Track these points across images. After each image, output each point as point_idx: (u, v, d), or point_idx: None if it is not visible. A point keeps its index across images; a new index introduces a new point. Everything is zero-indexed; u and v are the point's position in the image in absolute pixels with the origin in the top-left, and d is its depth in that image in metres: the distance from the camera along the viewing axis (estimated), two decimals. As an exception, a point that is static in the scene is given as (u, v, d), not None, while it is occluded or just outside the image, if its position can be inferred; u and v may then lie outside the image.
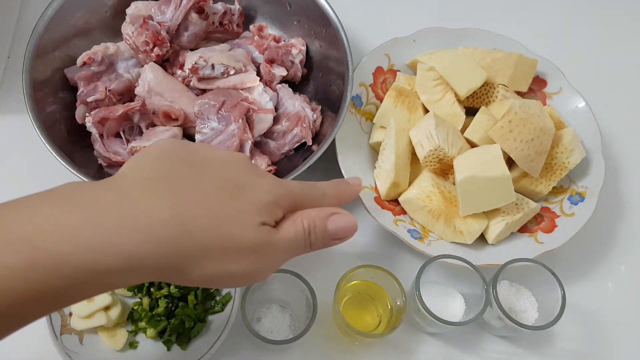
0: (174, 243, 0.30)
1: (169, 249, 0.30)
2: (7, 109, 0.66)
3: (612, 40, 0.81)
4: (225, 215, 0.32)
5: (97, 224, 0.29)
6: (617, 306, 0.62)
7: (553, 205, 0.63)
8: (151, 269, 0.30)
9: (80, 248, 0.28)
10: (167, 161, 0.34)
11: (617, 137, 0.72)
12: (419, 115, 0.63)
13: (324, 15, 0.62)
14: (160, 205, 0.31)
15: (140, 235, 0.29)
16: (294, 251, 0.36)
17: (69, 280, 0.28)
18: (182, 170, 0.33)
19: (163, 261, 0.30)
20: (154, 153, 0.35)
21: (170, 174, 0.33)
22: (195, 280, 0.32)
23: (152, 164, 0.34)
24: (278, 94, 0.63)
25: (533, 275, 0.55)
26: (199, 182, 0.33)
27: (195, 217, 0.31)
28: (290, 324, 0.53)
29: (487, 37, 0.69)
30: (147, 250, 0.29)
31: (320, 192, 0.40)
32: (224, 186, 0.33)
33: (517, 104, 0.58)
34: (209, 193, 0.33)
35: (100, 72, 0.61)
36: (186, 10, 0.61)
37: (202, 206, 0.32)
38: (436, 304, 0.53)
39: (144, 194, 0.31)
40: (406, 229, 0.58)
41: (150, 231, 0.30)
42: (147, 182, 0.32)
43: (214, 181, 0.33)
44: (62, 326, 0.52)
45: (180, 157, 0.34)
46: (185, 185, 0.32)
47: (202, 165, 0.34)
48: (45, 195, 0.30)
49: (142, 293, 0.55)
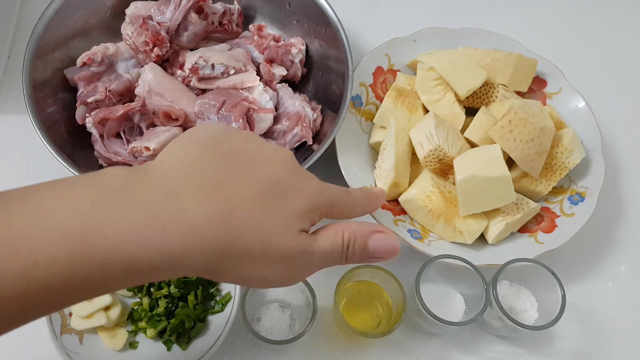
0: (216, 244, 0.30)
1: (210, 249, 0.30)
2: (7, 109, 0.66)
3: (612, 40, 0.81)
4: (268, 221, 0.32)
5: (142, 219, 0.28)
6: (617, 306, 0.62)
7: (553, 205, 0.63)
8: (189, 267, 0.30)
9: (124, 243, 0.28)
10: (212, 154, 0.33)
11: (617, 137, 0.72)
12: (419, 115, 0.63)
13: (324, 15, 0.62)
14: (207, 205, 0.30)
15: (184, 234, 0.29)
16: (329, 262, 0.36)
17: (110, 272, 0.28)
18: (228, 168, 0.32)
19: (202, 261, 0.30)
20: (198, 141, 0.34)
21: (217, 171, 0.32)
22: (228, 280, 0.33)
23: (196, 156, 0.32)
24: (278, 94, 0.63)
25: (533, 275, 0.55)
26: (245, 182, 0.32)
27: (241, 220, 0.31)
28: (290, 324, 0.53)
29: (487, 37, 0.69)
30: (190, 249, 0.29)
31: (353, 200, 0.39)
32: (269, 188, 0.33)
33: (517, 104, 0.58)
34: (255, 195, 0.32)
35: (100, 72, 0.61)
36: (186, 10, 0.61)
37: (248, 209, 0.31)
38: (436, 304, 0.53)
39: (191, 191, 0.30)
40: (406, 229, 0.58)
41: (195, 231, 0.29)
42: (194, 177, 0.31)
43: (260, 183, 0.33)
44: (62, 326, 0.52)
45: (225, 151, 0.33)
46: (232, 185, 0.32)
47: (249, 161, 0.33)
48: (87, 182, 0.29)
49: (142, 293, 0.55)
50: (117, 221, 0.28)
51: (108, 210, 0.28)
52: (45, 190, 0.28)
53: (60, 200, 0.28)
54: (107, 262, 0.27)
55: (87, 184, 0.29)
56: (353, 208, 0.39)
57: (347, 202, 0.38)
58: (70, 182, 0.29)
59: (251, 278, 0.33)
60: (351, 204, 0.39)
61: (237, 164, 0.33)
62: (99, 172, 0.30)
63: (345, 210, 0.38)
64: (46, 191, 0.28)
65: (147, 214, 0.29)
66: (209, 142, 0.33)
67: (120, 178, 0.30)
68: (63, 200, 0.28)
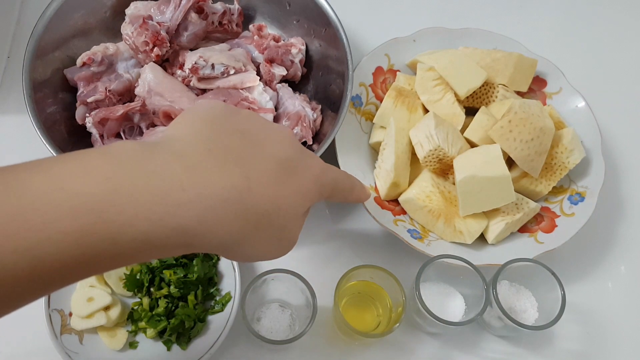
0: (231, 224, 0.30)
1: (225, 228, 0.30)
2: (7, 109, 0.66)
3: (612, 40, 0.81)
4: (282, 202, 0.32)
5: (156, 195, 0.27)
6: (617, 306, 0.62)
7: (553, 205, 0.63)
8: (206, 244, 0.30)
9: (138, 219, 0.27)
10: (222, 130, 0.32)
11: (617, 137, 0.72)
12: (419, 115, 0.63)
13: (324, 15, 0.62)
14: (223, 182, 0.29)
15: (201, 212, 0.28)
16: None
17: (122, 249, 0.27)
18: (240, 144, 0.32)
19: (218, 238, 0.30)
20: (205, 118, 0.33)
21: (231, 148, 0.31)
22: (235, 257, 0.33)
23: (209, 134, 0.32)
24: (278, 94, 0.63)
25: (533, 275, 0.55)
26: (259, 159, 0.32)
27: (259, 197, 0.31)
28: (290, 324, 0.53)
29: (487, 37, 0.69)
30: (208, 227, 0.29)
31: (352, 183, 0.40)
32: (282, 165, 0.32)
33: (517, 103, 0.58)
34: (270, 172, 0.32)
35: (100, 72, 0.61)
36: (186, 10, 0.61)
37: (264, 186, 0.31)
38: (436, 304, 0.53)
39: (207, 168, 0.29)
40: (406, 229, 0.58)
41: (212, 209, 0.29)
42: (209, 155, 0.30)
43: (271, 161, 0.32)
44: (62, 326, 0.52)
45: (233, 127, 0.33)
46: (247, 162, 0.31)
47: (258, 139, 0.33)
48: (98, 156, 0.28)
49: (142, 293, 0.55)
50: (130, 197, 0.27)
51: (121, 185, 0.27)
52: (55, 164, 0.27)
53: (71, 174, 0.26)
54: (120, 238, 0.26)
55: (99, 157, 0.28)
56: (351, 192, 0.39)
57: (347, 184, 0.39)
58: (81, 156, 0.28)
59: (252, 256, 0.33)
60: (350, 188, 0.39)
61: (249, 141, 0.32)
62: (110, 146, 0.29)
63: (345, 193, 0.38)
64: (56, 165, 0.27)
65: (162, 190, 0.28)
66: (218, 119, 0.33)
67: (132, 153, 0.29)
68: (73, 174, 0.26)
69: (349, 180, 0.39)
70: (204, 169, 0.29)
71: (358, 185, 0.41)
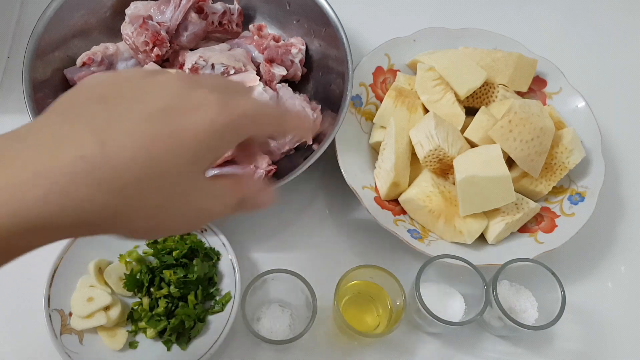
0: (89, 198, 0.26)
1: (83, 204, 0.26)
2: (7, 109, 0.66)
3: (612, 40, 0.81)
4: (155, 162, 0.27)
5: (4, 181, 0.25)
6: (617, 306, 0.62)
7: (553, 205, 0.63)
8: (65, 226, 0.26)
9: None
10: (80, 102, 0.28)
11: (617, 137, 0.72)
12: (419, 115, 0.63)
13: (324, 15, 0.62)
14: (69, 157, 0.26)
15: (45, 190, 0.25)
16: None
17: None
18: (100, 108, 0.28)
19: (78, 218, 0.26)
20: (68, 94, 0.29)
21: (87, 116, 0.27)
22: (130, 234, 0.29)
23: (64, 107, 0.28)
24: (278, 94, 0.63)
25: (533, 275, 0.55)
26: (123, 119, 0.27)
27: (117, 166, 0.26)
28: (290, 324, 0.53)
29: (487, 37, 0.69)
30: (56, 207, 0.25)
31: (276, 109, 0.34)
32: (151, 121, 0.27)
33: (517, 103, 0.58)
34: (134, 133, 0.27)
35: (100, 72, 0.61)
36: (185, 10, 0.61)
37: (126, 151, 0.26)
38: (436, 304, 0.53)
39: (53, 143, 0.26)
40: (406, 229, 0.58)
41: (57, 185, 0.25)
42: (59, 128, 0.27)
43: (138, 117, 0.27)
44: (62, 326, 0.52)
45: (96, 95, 0.29)
46: (107, 127, 0.27)
47: (126, 99, 0.28)
48: None
49: (142, 293, 0.55)
50: None
51: None
52: None
53: None
54: None
55: None
56: (283, 118, 0.33)
57: (269, 111, 0.32)
58: None
59: (159, 228, 0.29)
60: (279, 113, 0.33)
61: (113, 104, 0.28)
62: None
63: (274, 122, 0.32)
64: None
65: (4, 179, 0.25)
66: (80, 92, 0.29)
67: None
68: None
69: (271, 107, 0.33)
70: (44, 146, 0.26)
71: (294, 112, 0.35)
